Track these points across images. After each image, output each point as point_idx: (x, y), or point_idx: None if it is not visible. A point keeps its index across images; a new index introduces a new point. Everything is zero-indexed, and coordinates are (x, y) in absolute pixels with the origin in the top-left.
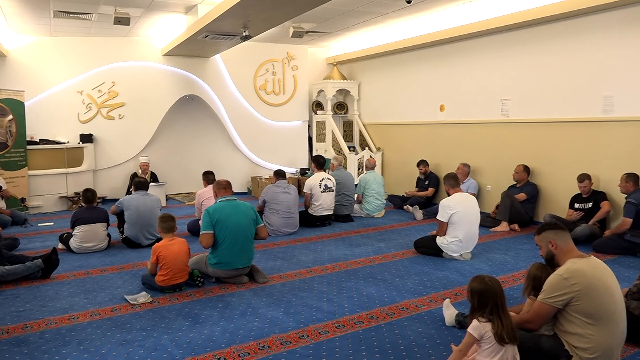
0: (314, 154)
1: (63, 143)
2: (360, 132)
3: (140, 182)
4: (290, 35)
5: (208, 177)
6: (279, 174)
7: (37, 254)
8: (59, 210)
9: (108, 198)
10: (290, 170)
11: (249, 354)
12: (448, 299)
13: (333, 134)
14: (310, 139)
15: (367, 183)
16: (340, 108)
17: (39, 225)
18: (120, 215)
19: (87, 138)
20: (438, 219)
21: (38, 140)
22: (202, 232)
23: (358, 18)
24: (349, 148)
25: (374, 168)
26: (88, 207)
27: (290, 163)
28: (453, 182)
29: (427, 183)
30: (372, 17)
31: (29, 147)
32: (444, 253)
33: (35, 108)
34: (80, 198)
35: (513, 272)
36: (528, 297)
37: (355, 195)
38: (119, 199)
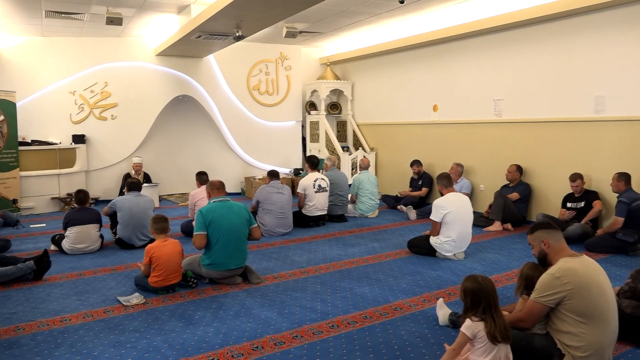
0: (308, 154)
1: (55, 144)
2: (354, 132)
3: (133, 182)
4: (284, 36)
5: (201, 177)
6: (273, 175)
7: (29, 256)
8: (51, 212)
9: (101, 199)
10: (284, 171)
11: (243, 355)
12: (441, 299)
13: (327, 134)
14: (304, 139)
15: (360, 183)
16: (334, 108)
17: (31, 227)
18: (113, 216)
19: (79, 139)
20: (431, 219)
21: (30, 141)
22: (195, 233)
23: (351, 18)
24: (343, 148)
25: (368, 168)
26: (80, 208)
27: (284, 163)
28: (446, 182)
29: (420, 183)
30: (365, 17)
31: (21, 148)
32: (438, 253)
33: (27, 109)
34: (73, 199)
35: (506, 271)
36: (521, 296)
37: (349, 196)
38: (112, 200)
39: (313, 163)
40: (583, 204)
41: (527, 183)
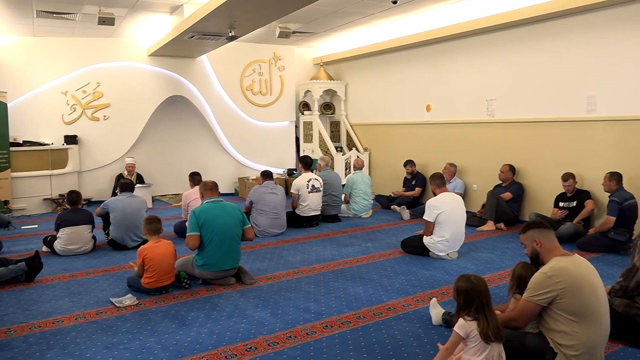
0: (301, 155)
1: (47, 144)
2: (348, 132)
3: (126, 183)
4: (277, 36)
5: (194, 178)
6: (266, 175)
7: (20, 257)
8: (43, 213)
9: (93, 200)
10: (278, 171)
11: (236, 356)
12: (435, 298)
13: (320, 135)
14: (298, 140)
15: (354, 183)
16: (327, 108)
17: (23, 228)
18: (106, 217)
19: (71, 139)
20: (425, 219)
21: (21, 142)
22: (188, 233)
23: (344, 18)
24: (336, 148)
25: (362, 168)
26: (73, 209)
27: (278, 164)
28: (439, 181)
29: (414, 183)
30: (358, 17)
31: (12, 148)
32: (431, 252)
33: (19, 109)
34: (65, 200)
35: (499, 270)
36: (513, 295)
37: (343, 196)
38: (105, 201)
39: (306, 163)
40: (575, 204)
41: (519, 183)
